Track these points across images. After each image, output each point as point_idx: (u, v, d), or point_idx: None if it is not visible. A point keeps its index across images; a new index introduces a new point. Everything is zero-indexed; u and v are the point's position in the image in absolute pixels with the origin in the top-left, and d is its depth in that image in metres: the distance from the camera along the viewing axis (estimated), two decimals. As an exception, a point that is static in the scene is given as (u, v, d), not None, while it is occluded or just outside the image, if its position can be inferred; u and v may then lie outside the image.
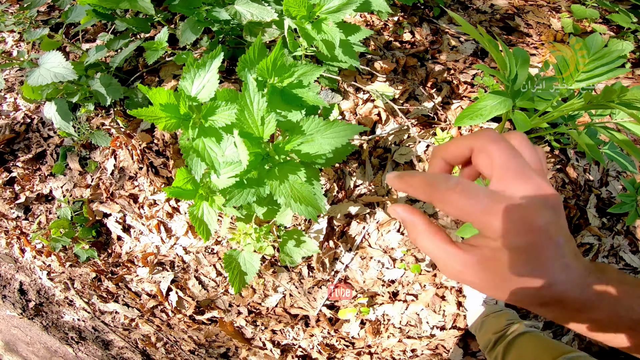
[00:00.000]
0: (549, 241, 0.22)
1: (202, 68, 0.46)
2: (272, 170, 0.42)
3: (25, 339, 1.55)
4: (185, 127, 0.46)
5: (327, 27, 0.64)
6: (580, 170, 1.14)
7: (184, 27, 0.84)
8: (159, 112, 0.43)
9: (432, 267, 1.11)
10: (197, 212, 0.53)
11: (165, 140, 1.00)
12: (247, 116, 0.39)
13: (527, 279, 0.22)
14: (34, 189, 1.25)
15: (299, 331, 1.16)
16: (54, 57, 0.74)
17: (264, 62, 0.48)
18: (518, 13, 1.41)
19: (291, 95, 0.54)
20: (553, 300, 0.23)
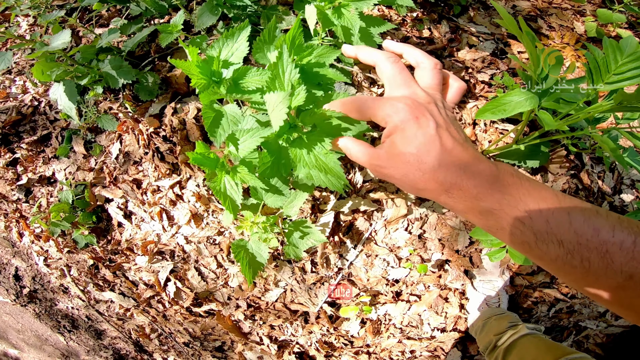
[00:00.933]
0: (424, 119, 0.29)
1: (230, 38, 0.49)
2: (299, 139, 0.43)
3: (17, 326, 1.58)
4: (215, 90, 0.48)
5: (347, 13, 0.68)
6: (594, 176, 1.16)
7: (201, 11, 0.87)
8: (193, 69, 0.45)
9: (438, 268, 1.14)
10: (219, 186, 0.53)
11: (173, 126, 1.03)
12: (278, 85, 0.41)
13: (415, 156, 0.29)
14: (37, 171, 1.29)
15: (298, 327, 1.18)
16: (62, 35, 0.78)
17: (280, 39, 0.51)
18: (541, 15, 1.43)
19: (310, 73, 0.57)
20: (448, 183, 0.29)
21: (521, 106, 0.72)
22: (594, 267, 0.27)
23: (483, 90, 1.22)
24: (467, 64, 1.25)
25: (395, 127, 0.30)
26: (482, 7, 1.45)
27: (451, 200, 0.30)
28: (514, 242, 0.29)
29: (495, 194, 0.28)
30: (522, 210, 0.28)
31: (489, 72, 1.24)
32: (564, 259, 0.27)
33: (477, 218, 0.30)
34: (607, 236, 0.26)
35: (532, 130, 1.18)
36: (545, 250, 0.28)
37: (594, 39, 1.42)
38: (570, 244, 0.27)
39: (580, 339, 1.18)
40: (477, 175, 0.29)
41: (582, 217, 0.27)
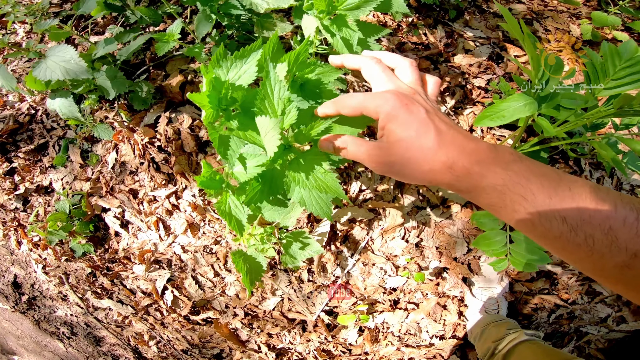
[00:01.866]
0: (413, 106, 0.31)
1: (239, 59, 0.47)
2: (295, 160, 0.42)
3: (16, 332, 1.58)
4: (226, 117, 0.46)
5: (346, 24, 0.66)
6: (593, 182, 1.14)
7: (198, 20, 0.86)
8: (204, 99, 0.42)
9: (436, 276, 1.12)
10: (224, 206, 0.52)
11: (168, 136, 1.02)
12: (267, 105, 0.40)
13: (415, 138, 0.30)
14: (34, 180, 1.28)
15: (296, 335, 1.17)
16: (64, 50, 0.76)
17: (287, 55, 0.50)
18: (537, 18, 1.42)
19: (310, 90, 0.56)
20: (451, 161, 0.29)
21: (520, 112, 0.70)
22: (597, 245, 0.26)
23: (480, 95, 1.20)
24: (463, 69, 1.23)
25: (389, 115, 0.30)
26: (478, 11, 1.43)
27: (456, 180, 0.29)
28: (517, 220, 0.29)
29: (498, 170, 0.28)
30: (525, 186, 0.28)
31: (485, 77, 1.22)
32: (568, 236, 0.27)
33: (480, 197, 0.30)
34: (609, 212, 0.26)
35: (529, 136, 1.16)
36: (548, 227, 0.27)
37: (590, 42, 1.40)
38: (574, 220, 0.26)
39: (581, 345, 1.17)
40: (478, 152, 0.29)
41: (584, 193, 0.27)
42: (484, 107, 1.19)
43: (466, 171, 0.29)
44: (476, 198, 0.30)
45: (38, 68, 0.75)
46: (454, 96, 1.20)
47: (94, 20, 1.25)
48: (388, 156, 0.31)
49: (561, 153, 1.14)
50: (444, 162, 0.29)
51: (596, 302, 1.16)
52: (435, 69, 1.23)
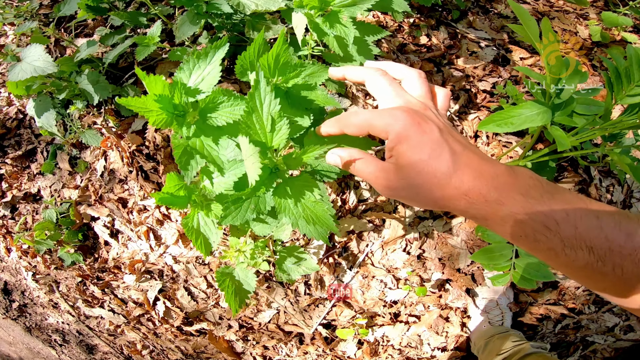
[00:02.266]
0: (426, 125, 0.28)
1: (202, 59, 0.42)
2: (282, 186, 0.37)
3: (8, 338, 1.54)
4: (180, 124, 0.42)
5: (341, 20, 0.61)
6: (603, 190, 1.09)
7: (181, 21, 0.81)
8: (151, 104, 0.38)
9: (438, 288, 1.07)
10: (191, 223, 0.49)
11: (157, 144, 0.97)
12: (255, 120, 0.35)
13: (427, 162, 0.27)
14: (22, 188, 1.23)
15: (293, 348, 1.13)
16: (35, 50, 0.72)
17: (264, 58, 0.44)
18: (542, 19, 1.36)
19: (297, 97, 0.50)
20: (466, 187, 0.27)
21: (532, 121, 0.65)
22: (627, 275, 0.25)
23: (485, 100, 1.15)
24: (468, 72, 1.18)
25: (399, 135, 0.28)
26: (482, 11, 1.37)
27: (471, 207, 0.27)
28: (539, 249, 0.27)
29: (517, 197, 0.26)
30: (548, 215, 0.26)
31: (490, 80, 1.17)
32: (594, 266, 0.25)
33: (498, 225, 0.27)
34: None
35: (538, 143, 1.11)
36: (573, 258, 0.26)
37: (599, 44, 1.34)
38: (601, 250, 0.25)
39: (587, 354, 1.13)
40: (496, 178, 0.27)
41: (613, 221, 0.25)
42: (489, 112, 1.14)
43: (483, 198, 0.27)
44: (493, 226, 0.28)
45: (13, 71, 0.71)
46: (458, 100, 1.14)
47: (83, 22, 1.19)
48: (397, 180, 0.29)
49: (570, 160, 1.09)
50: (458, 188, 0.27)
51: (603, 312, 1.12)
52: (438, 71, 1.17)
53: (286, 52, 0.45)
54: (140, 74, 0.38)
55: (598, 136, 0.66)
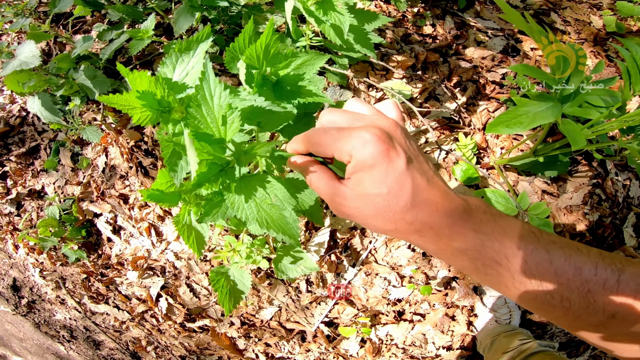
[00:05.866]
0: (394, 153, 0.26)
1: (185, 53, 0.39)
2: (235, 185, 0.34)
3: (19, 335, 1.56)
4: (165, 121, 0.40)
5: (336, 8, 0.57)
6: (619, 185, 1.03)
7: (177, 14, 0.78)
8: (134, 101, 0.36)
9: (444, 287, 1.04)
10: (182, 220, 0.47)
11: (155, 139, 0.96)
12: (206, 113, 0.32)
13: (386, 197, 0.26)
14: (26, 185, 1.24)
15: (295, 345, 1.11)
16: (27, 46, 0.71)
17: (252, 48, 0.41)
18: (554, 9, 1.29)
19: (287, 90, 0.48)
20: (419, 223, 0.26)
21: (542, 118, 0.61)
22: (574, 307, 0.26)
23: (494, 91, 1.10)
24: (476, 63, 1.13)
25: (363, 163, 0.26)
26: (489, 0, 1.32)
27: (422, 241, 0.28)
28: (490, 283, 0.28)
29: (469, 233, 0.27)
30: (498, 250, 0.26)
31: (500, 71, 1.12)
32: (543, 298, 0.26)
33: (450, 259, 0.28)
34: (589, 275, 0.26)
35: (548, 135, 1.05)
36: (523, 290, 0.27)
37: (614, 34, 1.28)
38: (550, 284, 0.26)
39: (597, 354, 1.09)
40: (450, 214, 0.27)
41: (563, 256, 0.26)
42: (498, 104, 1.09)
43: (434, 234, 0.27)
44: (445, 259, 0.28)
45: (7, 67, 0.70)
46: (466, 92, 1.10)
47: (81, 19, 1.18)
48: (350, 207, 0.28)
49: (585, 153, 1.04)
50: (411, 224, 0.27)
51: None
52: (444, 62, 1.13)
53: (276, 42, 0.42)
54: (122, 70, 0.35)
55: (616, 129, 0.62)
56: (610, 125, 0.59)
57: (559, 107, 0.60)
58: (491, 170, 1.02)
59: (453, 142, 1.02)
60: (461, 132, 1.03)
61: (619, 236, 1.03)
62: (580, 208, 1.01)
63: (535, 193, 1.02)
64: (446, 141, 1.03)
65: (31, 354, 1.59)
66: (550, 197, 1.02)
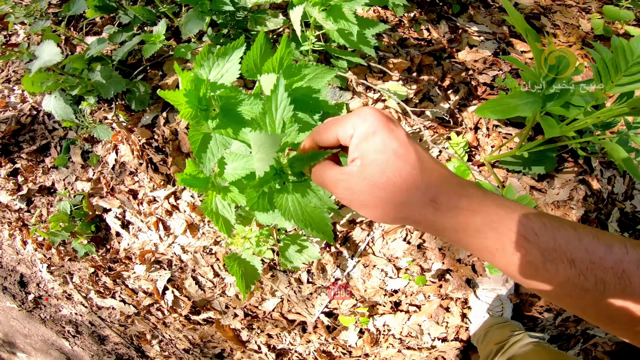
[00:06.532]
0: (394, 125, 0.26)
1: (221, 57, 0.45)
2: (284, 189, 0.39)
3: (24, 331, 1.61)
4: (204, 118, 0.44)
5: (344, 15, 0.63)
6: (604, 182, 1.10)
7: (186, 19, 0.85)
8: (182, 98, 0.41)
9: (438, 278, 1.10)
10: (210, 206, 0.52)
11: (165, 137, 1.02)
12: (269, 122, 0.37)
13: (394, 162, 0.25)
14: (37, 181, 1.29)
15: (296, 336, 1.17)
16: (47, 46, 0.77)
17: (269, 63, 0.48)
18: (544, 13, 1.37)
19: (300, 100, 0.54)
20: (433, 192, 0.25)
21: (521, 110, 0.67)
22: (609, 290, 0.23)
23: (485, 92, 1.17)
24: (468, 65, 1.20)
25: (367, 132, 0.26)
26: (483, 5, 1.39)
27: (440, 216, 0.25)
28: (518, 265, 0.25)
29: (492, 206, 0.24)
30: (526, 225, 0.24)
31: (491, 73, 1.19)
32: (576, 281, 0.23)
33: (472, 238, 0.25)
34: (621, 254, 0.23)
35: (538, 134, 1.12)
36: (554, 272, 0.24)
37: (602, 37, 1.35)
38: (583, 263, 0.23)
39: (588, 347, 1.14)
40: (463, 187, 0.25)
41: (590, 234, 0.24)
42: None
43: (453, 205, 0.25)
44: (466, 239, 0.25)
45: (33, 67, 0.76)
46: (458, 93, 1.16)
47: (91, 20, 1.25)
48: (359, 182, 0.26)
49: (571, 152, 1.11)
50: (425, 192, 0.25)
51: (606, 305, 1.13)
52: (438, 65, 1.20)
53: (289, 56, 0.48)
54: (177, 70, 0.41)
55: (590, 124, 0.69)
56: (585, 121, 0.65)
57: (539, 104, 0.66)
58: (482, 168, 1.08)
59: (446, 141, 1.09)
60: (453, 132, 1.10)
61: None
62: (567, 204, 1.08)
63: (524, 189, 1.08)
64: (439, 140, 1.10)
65: (35, 350, 1.63)
66: (539, 193, 1.09)
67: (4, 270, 1.57)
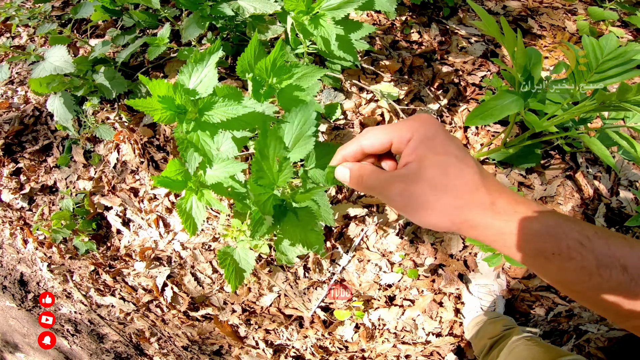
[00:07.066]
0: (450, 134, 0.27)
1: (200, 63, 0.49)
2: (288, 218, 0.46)
3: (22, 330, 1.63)
4: (180, 121, 0.50)
5: (324, 23, 0.69)
6: (590, 177, 1.16)
7: (187, 23, 0.90)
8: (156, 104, 0.46)
9: (431, 273, 1.14)
10: (185, 205, 0.56)
11: (167, 136, 1.07)
12: (266, 167, 0.41)
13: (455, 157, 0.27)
14: (39, 180, 1.34)
15: (293, 332, 1.20)
16: (57, 51, 0.82)
17: (262, 62, 0.53)
18: (532, 15, 1.43)
19: (290, 97, 0.59)
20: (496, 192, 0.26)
21: (508, 109, 0.72)
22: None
23: (474, 92, 1.22)
24: (457, 67, 1.26)
25: (425, 137, 0.27)
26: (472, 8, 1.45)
27: (498, 219, 0.25)
28: (570, 270, 0.25)
29: (546, 212, 0.25)
30: (579, 231, 0.25)
31: (479, 74, 1.25)
32: (627, 287, 0.24)
33: (529, 242, 0.25)
34: None
35: (524, 131, 1.18)
36: (607, 278, 0.24)
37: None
38: (635, 270, 0.24)
39: (581, 343, 1.17)
40: (516, 195, 0.26)
41: (637, 241, 0.25)
42: (477, 104, 1.22)
43: (512, 210, 0.25)
44: (520, 243, 0.25)
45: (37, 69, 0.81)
46: (448, 93, 1.22)
47: (94, 23, 1.31)
48: (415, 183, 0.27)
49: (557, 148, 1.16)
50: (486, 194, 0.25)
51: (596, 299, 1.17)
52: (428, 66, 1.26)
53: (282, 58, 0.53)
54: (143, 80, 0.46)
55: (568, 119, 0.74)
56: (562, 117, 0.70)
57: (522, 101, 0.71)
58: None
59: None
60: (445, 130, 1.15)
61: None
62: (554, 199, 1.13)
63: (512, 184, 1.14)
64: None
65: (33, 350, 1.66)
66: (527, 189, 1.14)
67: (4, 269, 1.60)
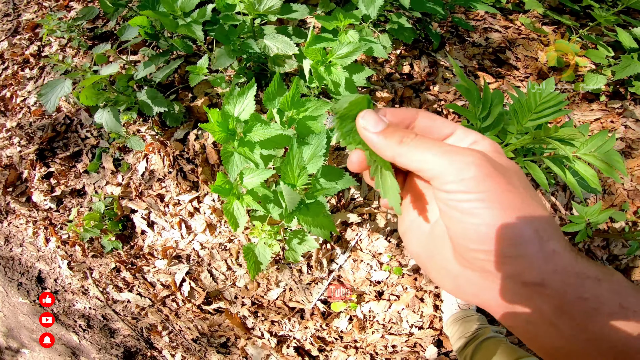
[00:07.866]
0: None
1: (241, 96, 0.72)
2: (303, 209, 0.69)
3: (31, 326, 1.80)
4: (230, 140, 0.74)
5: (335, 70, 0.95)
6: (548, 195, 1.44)
7: (219, 54, 1.14)
8: (215, 127, 0.68)
9: (414, 272, 1.40)
10: (229, 207, 0.79)
11: (196, 150, 1.30)
12: (289, 171, 0.66)
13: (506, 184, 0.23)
14: (69, 184, 1.54)
15: (295, 323, 1.43)
16: (108, 69, 1.06)
17: (285, 98, 0.77)
18: (509, 46, 1.72)
19: (304, 124, 0.84)
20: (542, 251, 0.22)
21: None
22: None
23: (454, 120, 1.50)
24: (440, 97, 1.54)
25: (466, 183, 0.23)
26: (459, 40, 1.74)
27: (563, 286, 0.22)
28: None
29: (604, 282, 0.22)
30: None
31: (460, 103, 1.53)
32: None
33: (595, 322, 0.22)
34: None
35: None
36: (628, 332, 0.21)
37: (554, 68, 1.71)
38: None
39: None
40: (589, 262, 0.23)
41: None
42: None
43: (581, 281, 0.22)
44: (585, 325, 0.22)
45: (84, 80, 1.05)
46: (433, 120, 1.49)
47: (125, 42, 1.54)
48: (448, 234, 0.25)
49: (521, 169, 1.44)
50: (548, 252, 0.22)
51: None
52: (416, 96, 1.53)
53: (298, 94, 0.78)
54: (205, 109, 0.71)
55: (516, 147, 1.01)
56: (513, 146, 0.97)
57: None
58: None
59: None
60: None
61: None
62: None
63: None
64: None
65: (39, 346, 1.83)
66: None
67: (23, 266, 1.79)
